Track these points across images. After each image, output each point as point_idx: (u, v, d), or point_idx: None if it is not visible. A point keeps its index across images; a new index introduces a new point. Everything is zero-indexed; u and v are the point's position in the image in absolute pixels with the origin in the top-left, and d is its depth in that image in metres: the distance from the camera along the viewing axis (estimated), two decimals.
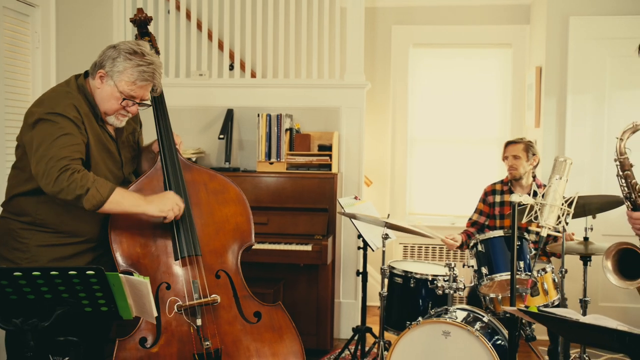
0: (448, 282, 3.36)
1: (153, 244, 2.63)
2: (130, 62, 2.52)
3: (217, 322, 2.60)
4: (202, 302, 2.57)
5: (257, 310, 2.69)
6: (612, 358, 4.34)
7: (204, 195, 2.75)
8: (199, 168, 2.86)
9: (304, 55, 4.96)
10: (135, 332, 2.57)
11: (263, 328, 2.65)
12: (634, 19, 4.74)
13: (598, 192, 4.51)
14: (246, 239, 2.79)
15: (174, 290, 2.60)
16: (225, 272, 2.69)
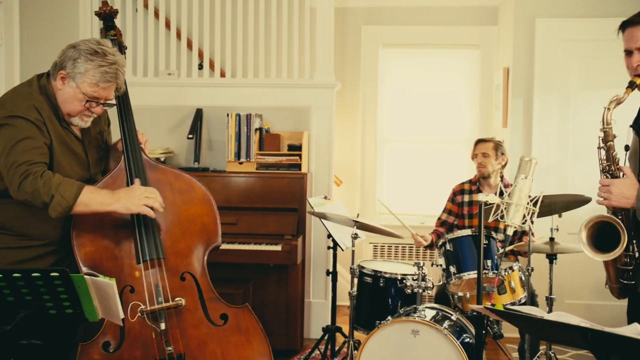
0: (417, 281, 3.38)
1: (116, 247, 2.59)
2: (91, 63, 2.45)
3: (181, 325, 2.56)
4: (165, 306, 2.53)
5: (224, 312, 2.66)
6: (577, 354, 4.41)
7: (169, 195, 2.71)
8: (164, 167, 2.82)
9: (273, 55, 4.94)
10: (98, 337, 2.52)
11: (230, 330, 2.63)
12: (598, 21, 4.82)
13: (564, 191, 4.57)
14: (213, 239, 2.76)
15: (138, 294, 2.56)
16: (190, 274, 2.65)
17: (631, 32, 2.30)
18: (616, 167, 2.32)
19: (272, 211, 4.50)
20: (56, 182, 2.36)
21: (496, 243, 3.47)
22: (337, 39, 5.56)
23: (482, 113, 5.72)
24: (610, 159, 2.32)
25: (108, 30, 2.91)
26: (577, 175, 4.82)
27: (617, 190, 2.25)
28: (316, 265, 4.86)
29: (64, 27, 4.72)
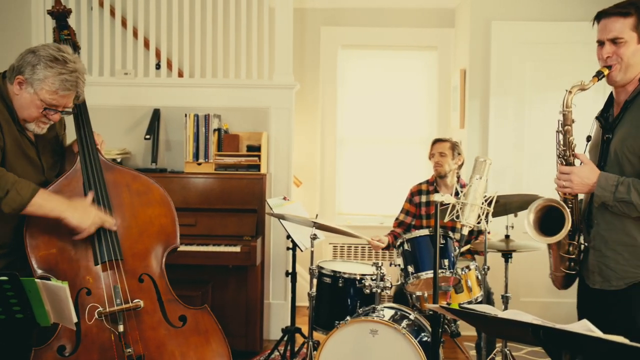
0: (375, 281, 3.40)
1: (72, 248, 2.54)
2: (51, 70, 2.39)
3: (140, 327, 2.53)
4: (124, 307, 2.50)
5: (183, 314, 2.63)
6: (532, 351, 4.50)
7: (127, 196, 2.67)
8: (122, 169, 2.78)
9: (232, 55, 4.91)
10: (52, 341, 2.47)
11: (189, 332, 2.60)
12: (553, 25, 4.93)
13: (519, 191, 4.66)
14: (171, 241, 2.73)
15: (95, 296, 2.51)
16: (149, 275, 2.62)
17: (605, 24, 2.32)
18: (571, 153, 2.34)
19: (231, 212, 4.47)
20: (12, 179, 2.33)
21: (453, 242, 3.52)
22: (297, 40, 5.56)
23: (440, 114, 5.80)
24: (566, 144, 2.35)
25: (61, 30, 2.84)
26: (532, 175, 4.92)
27: (578, 178, 2.28)
28: (275, 266, 4.85)
29: (16, 25, 4.60)
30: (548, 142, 4.86)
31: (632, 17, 2.26)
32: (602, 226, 2.32)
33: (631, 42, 2.26)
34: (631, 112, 2.29)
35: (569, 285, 2.51)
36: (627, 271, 2.26)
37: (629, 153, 2.25)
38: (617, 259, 2.28)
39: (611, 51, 2.29)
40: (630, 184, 2.19)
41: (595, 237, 2.35)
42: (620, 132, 2.30)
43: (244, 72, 4.90)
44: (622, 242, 2.27)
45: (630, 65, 2.28)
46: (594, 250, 2.35)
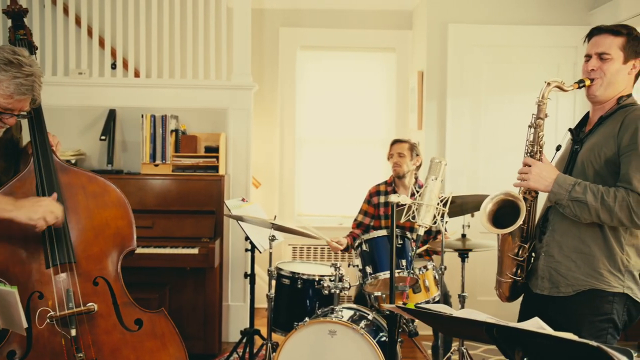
0: (334, 282, 3.41)
1: (24, 251, 2.48)
2: (6, 74, 2.32)
3: (93, 331, 2.48)
4: (76, 311, 2.45)
5: (139, 317, 2.60)
6: (489, 349, 4.57)
7: (82, 198, 2.62)
8: (77, 170, 2.73)
9: (189, 55, 4.87)
10: (2, 346, 2.41)
11: (144, 336, 2.57)
12: (508, 28, 5.03)
13: (475, 191, 4.73)
14: (127, 243, 2.69)
15: (47, 300, 2.46)
16: (104, 278, 2.58)
17: (596, 39, 2.35)
18: (538, 149, 2.36)
19: (189, 214, 4.43)
20: None
21: (411, 243, 3.55)
22: (255, 40, 5.54)
23: (398, 115, 5.85)
24: (535, 139, 2.37)
25: (17, 30, 2.77)
26: (488, 176, 5.01)
27: (537, 170, 2.30)
28: (234, 268, 4.82)
29: None
30: (503, 143, 5.01)
31: (622, 37, 2.31)
32: (559, 232, 2.35)
33: (617, 60, 2.30)
34: (603, 126, 2.33)
35: (515, 297, 2.51)
36: (577, 278, 2.29)
37: (595, 163, 2.28)
38: (569, 266, 2.31)
39: (597, 65, 2.33)
40: (587, 186, 2.22)
41: (549, 243, 2.37)
42: (589, 143, 2.34)
43: (201, 73, 4.86)
44: (576, 250, 2.30)
45: (611, 83, 2.32)
46: (545, 256, 2.38)
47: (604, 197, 2.19)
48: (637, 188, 2.17)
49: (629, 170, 2.19)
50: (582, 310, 2.29)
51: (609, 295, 2.26)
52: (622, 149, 2.22)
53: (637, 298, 2.29)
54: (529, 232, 2.41)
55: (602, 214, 2.20)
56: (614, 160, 2.25)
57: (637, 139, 2.19)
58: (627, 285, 2.27)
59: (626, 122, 2.24)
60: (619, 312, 2.27)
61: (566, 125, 2.64)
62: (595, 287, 2.27)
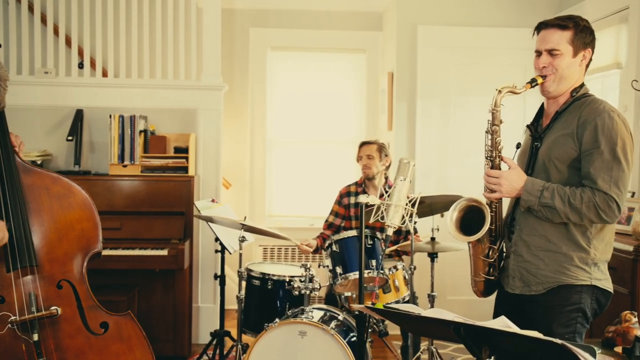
0: (304, 283, 3.40)
1: None
2: None
3: (57, 336, 2.44)
4: (37, 316, 2.40)
5: (104, 320, 2.56)
6: (458, 348, 4.61)
7: (46, 200, 2.57)
8: (40, 171, 2.67)
9: (158, 55, 4.81)
10: None
11: (110, 339, 2.53)
12: (477, 30, 5.08)
13: (445, 192, 4.76)
14: (93, 245, 2.65)
15: (8, 305, 2.41)
16: (68, 281, 2.53)
17: (544, 35, 2.37)
18: (497, 154, 2.38)
19: (158, 215, 4.39)
20: None
21: (381, 243, 3.55)
22: (225, 41, 5.51)
23: (369, 116, 5.87)
24: (493, 145, 2.39)
25: None
26: (457, 177, 5.05)
27: (507, 182, 2.32)
28: (204, 269, 4.79)
29: None
30: (472, 144, 5.04)
31: (570, 31, 2.32)
32: (525, 231, 2.38)
33: (567, 54, 2.33)
34: (560, 121, 2.35)
35: (490, 292, 2.55)
36: (547, 276, 2.33)
37: (556, 160, 2.31)
38: (538, 264, 2.34)
39: (547, 62, 2.35)
40: (554, 190, 2.26)
41: (517, 243, 2.41)
42: (549, 140, 2.36)
43: (171, 73, 4.82)
44: (543, 248, 2.34)
45: (564, 77, 2.34)
46: (515, 256, 2.41)
47: (570, 200, 2.23)
48: (602, 187, 2.21)
49: (593, 170, 2.23)
50: (552, 303, 2.32)
51: (577, 287, 2.30)
52: (584, 147, 2.26)
53: (604, 287, 2.34)
54: (497, 232, 2.44)
55: (571, 216, 2.25)
56: (576, 158, 2.29)
57: (597, 137, 2.23)
58: (594, 277, 2.31)
59: (583, 119, 2.27)
60: (587, 302, 2.31)
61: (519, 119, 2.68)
62: (564, 282, 2.31)
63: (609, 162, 2.22)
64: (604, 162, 2.22)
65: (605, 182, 2.21)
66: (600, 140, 2.22)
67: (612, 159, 2.22)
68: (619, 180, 2.22)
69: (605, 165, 2.22)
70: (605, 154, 2.22)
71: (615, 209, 2.22)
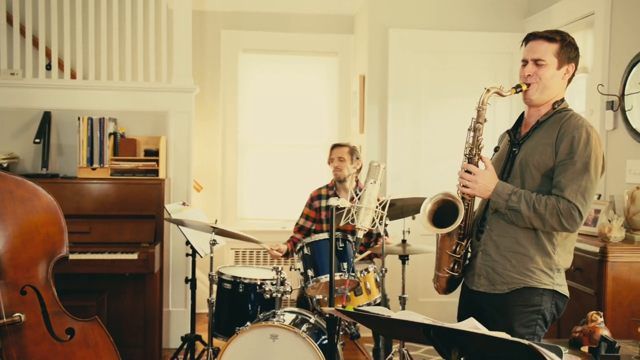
0: (275, 286, 3.39)
1: None
2: None
3: (20, 343, 2.39)
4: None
5: (70, 326, 2.51)
6: (430, 349, 4.63)
7: (9, 204, 2.52)
8: (4, 174, 2.62)
9: (128, 57, 4.76)
10: None
11: (76, 346, 2.49)
12: (447, 33, 5.12)
13: (417, 194, 4.80)
14: (58, 250, 2.60)
15: None
16: (32, 287, 2.48)
17: (532, 45, 2.44)
18: (477, 152, 2.43)
19: (128, 219, 4.34)
20: None
21: (352, 246, 3.56)
22: (196, 43, 5.48)
23: (341, 118, 5.88)
24: (474, 143, 2.43)
25: None
26: (428, 179, 5.08)
27: (482, 181, 2.37)
28: (175, 273, 4.74)
29: None
30: (443, 147, 5.10)
31: (556, 44, 2.40)
32: (496, 232, 2.43)
33: (551, 66, 2.40)
34: (541, 130, 2.43)
35: (451, 290, 2.60)
36: (512, 277, 2.38)
37: (533, 167, 2.38)
38: (505, 265, 2.40)
39: (532, 71, 2.41)
40: (522, 195, 2.32)
41: (486, 242, 2.45)
42: (527, 148, 2.43)
43: (141, 75, 4.77)
44: (512, 249, 2.39)
45: (547, 87, 2.41)
46: (483, 254, 2.46)
47: (535, 206, 2.29)
48: (567, 195, 2.28)
49: (563, 179, 2.30)
50: (514, 303, 2.38)
51: (540, 289, 2.37)
52: (560, 157, 2.33)
53: (563, 292, 2.42)
54: (466, 230, 2.47)
55: (534, 221, 2.31)
56: (551, 167, 2.36)
57: (573, 149, 2.30)
58: (556, 282, 2.39)
59: (563, 131, 2.35)
60: (547, 306, 2.38)
61: (504, 127, 2.71)
62: (528, 284, 2.37)
63: (580, 173, 2.29)
64: (575, 172, 2.29)
65: (572, 191, 2.28)
66: (575, 152, 2.30)
67: (583, 171, 2.29)
68: (586, 191, 2.30)
69: (575, 175, 2.29)
70: (577, 165, 2.29)
71: (577, 218, 2.28)
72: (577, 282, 3.41)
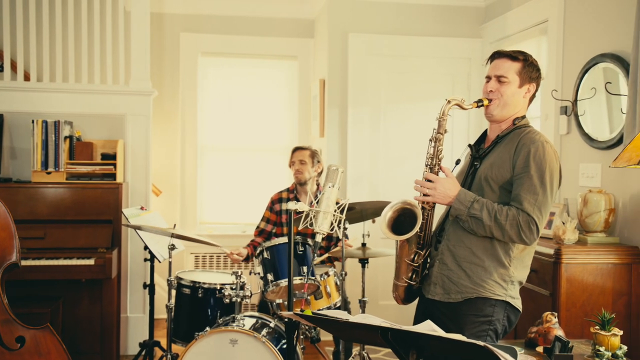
0: (235, 291, 3.37)
1: None
2: None
3: None
4: None
5: (20, 334, 2.46)
6: (389, 352, 4.66)
7: None
8: None
9: (84, 59, 4.68)
10: None
11: (27, 354, 2.43)
12: (406, 38, 5.17)
13: (376, 197, 4.84)
14: (7, 256, 2.54)
15: None
16: None
17: (496, 63, 2.51)
18: (437, 162, 2.47)
19: (85, 223, 4.26)
20: None
21: (312, 250, 3.56)
22: (155, 45, 5.42)
23: (301, 122, 5.88)
24: (434, 153, 2.47)
25: None
26: (388, 183, 5.12)
27: (442, 188, 2.40)
28: (133, 278, 4.67)
29: None
30: (403, 151, 5.14)
31: (519, 63, 2.47)
32: (452, 242, 2.47)
33: (513, 83, 2.46)
34: (501, 145, 2.48)
35: (410, 300, 2.62)
36: (466, 287, 2.42)
37: (492, 180, 2.43)
38: (460, 275, 2.43)
39: (495, 87, 2.48)
40: (484, 204, 2.37)
41: (443, 251, 2.49)
42: (488, 162, 2.48)
43: (97, 77, 4.69)
44: (468, 260, 2.43)
45: (507, 104, 2.47)
46: (440, 263, 2.49)
47: (497, 216, 2.34)
48: (526, 208, 2.33)
49: (521, 192, 2.36)
50: (466, 313, 2.42)
51: (492, 300, 2.41)
52: (517, 170, 2.39)
53: (516, 306, 2.46)
54: (425, 240, 2.50)
55: (494, 230, 2.35)
56: (509, 181, 2.41)
57: (529, 162, 2.36)
58: (509, 295, 2.43)
59: (520, 145, 2.41)
60: (499, 317, 2.42)
61: (462, 138, 2.76)
62: (481, 295, 2.41)
63: (536, 187, 2.34)
64: (532, 186, 2.34)
65: (530, 205, 2.33)
66: (531, 165, 2.36)
67: (540, 185, 2.35)
68: (542, 206, 2.35)
69: (532, 189, 2.34)
70: (534, 179, 2.35)
71: (535, 231, 2.34)
72: (533, 283, 3.48)
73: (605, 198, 3.44)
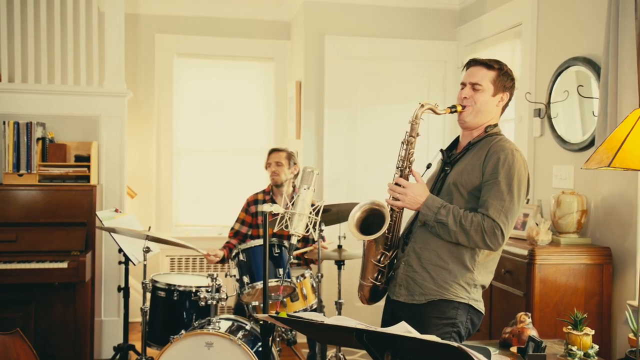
0: (211, 293, 3.35)
1: None
2: None
3: None
4: None
5: None
6: (365, 354, 4.67)
7: None
8: None
9: (57, 59, 4.62)
10: None
11: None
12: (382, 41, 5.20)
13: (353, 199, 4.83)
14: None
15: None
16: None
17: (471, 70, 2.53)
18: (408, 165, 2.49)
19: (58, 226, 4.22)
20: None
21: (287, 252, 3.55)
22: (130, 47, 5.38)
23: (278, 124, 5.87)
24: (406, 156, 2.48)
25: None
26: (364, 185, 5.13)
27: (412, 194, 2.42)
28: (107, 281, 4.63)
29: None
30: (379, 152, 5.16)
31: (494, 72, 2.49)
32: (419, 244, 2.49)
33: (487, 91, 2.49)
34: (472, 152, 2.51)
35: (375, 300, 2.63)
36: (430, 289, 2.44)
37: (461, 186, 2.45)
38: (425, 277, 2.45)
39: (469, 94, 2.50)
40: (451, 209, 2.39)
41: (409, 253, 2.51)
42: (458, 167, 2.50)
43: (71, 78, 4.64)
44: (433, 262, 2.45)
45: (480, 112, 2.49)
46: (405, 265, 2.51)
47: (462, 222, 2.36)
48: (492, 214, 2.35)
49: (488, 198, 2.38)
50: (430, 315, 2.44)
51: (455, 303, 2.43)
52: (485, 177, 2.41)
53: (479, 308, 2.49)
54: (392, 241, 2.52)
55: (459, 236, 2.37)
56: (478, 187, 2.43)
57: (497, 170, 2.38)
58: (472, 298, 2.46)
59: (490, 152, 2.44)
60: (463, 319, 2.45)
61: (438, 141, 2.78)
62: (444, 297, 2.43)
63: (504, 193, 2.36)
64: (499, 192, 2.36)
65: (496, 211, 2.35)
66: (499, 172, 2.38)
67: (507, 191, 2.37)
68: (509, 212, 2.37)
69: (499, 195, 2.36)
70: (501, 185, 2.37)
71: (500, 237, 2.35)
72: (507, 284, 3.51)
73: (578, 199, 3.49)
